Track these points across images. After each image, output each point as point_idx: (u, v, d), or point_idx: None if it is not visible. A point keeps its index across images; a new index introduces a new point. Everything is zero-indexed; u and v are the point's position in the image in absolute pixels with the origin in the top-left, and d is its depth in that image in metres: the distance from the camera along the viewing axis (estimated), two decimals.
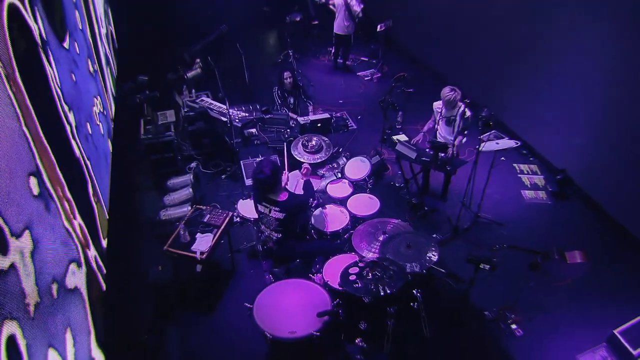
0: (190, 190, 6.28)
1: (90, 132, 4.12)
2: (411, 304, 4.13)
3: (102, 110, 5.07)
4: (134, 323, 4.58)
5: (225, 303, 4.94)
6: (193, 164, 6.88)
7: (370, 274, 3.70)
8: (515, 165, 6.88)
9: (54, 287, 2.37)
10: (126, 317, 4.39)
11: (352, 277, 3.75)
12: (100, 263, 3.53)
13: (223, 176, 6.92)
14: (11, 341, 1.81)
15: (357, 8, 9.07)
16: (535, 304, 4.71)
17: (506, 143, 5.35)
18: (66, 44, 3.98)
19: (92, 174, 3.83)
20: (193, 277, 4.72)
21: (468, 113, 5.57)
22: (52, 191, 2.62)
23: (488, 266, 4.02)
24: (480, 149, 5.14)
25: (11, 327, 1.83)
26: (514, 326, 4.56)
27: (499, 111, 7.39)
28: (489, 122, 4.82)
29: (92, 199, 3.63)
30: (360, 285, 3.67)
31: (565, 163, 6.47)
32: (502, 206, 6.15)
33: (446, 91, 5.57)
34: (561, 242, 5.06)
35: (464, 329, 4.64)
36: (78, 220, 3.07)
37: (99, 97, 5.07)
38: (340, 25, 9.44)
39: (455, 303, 4.79)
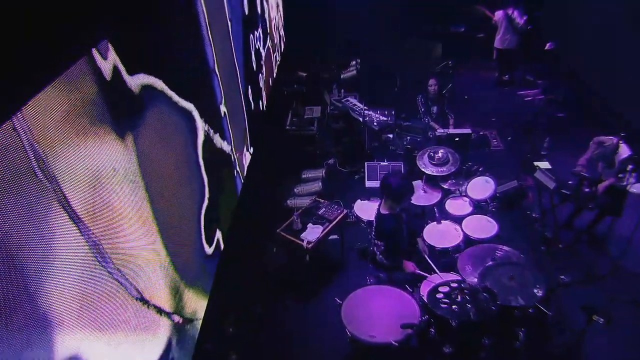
0: (320, 184, 6.60)
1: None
2: (514, 341, 3.86)
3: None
4: (241, 290, 5.03)
5: (325, 295, 5.10)
6: (330, 160, 7.19)
7: (459, 297, 3.56)
8: None
9: None
10: (235, 283, 4.85)
11: (440, 296, 3.64)
12: None
13: (356, 176, 7.08)
14: None
15: (519, 20, 8.50)
16: None
17: None
18: None
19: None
20: (302, 264, 4.97)
21: (626, 153, 4.93)
22: None
23: (602, 319, 3.56)
24: (628, 189, 4.54)
25: None
26: None
27: None
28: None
29: None
30: (446, 306, 3.55)
31: None
32: None
33: (593, 148, 5.05)
34: None
35: None
36: None
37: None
38: (500, 39, 8.99)
39: (564, 353, 4.30)
